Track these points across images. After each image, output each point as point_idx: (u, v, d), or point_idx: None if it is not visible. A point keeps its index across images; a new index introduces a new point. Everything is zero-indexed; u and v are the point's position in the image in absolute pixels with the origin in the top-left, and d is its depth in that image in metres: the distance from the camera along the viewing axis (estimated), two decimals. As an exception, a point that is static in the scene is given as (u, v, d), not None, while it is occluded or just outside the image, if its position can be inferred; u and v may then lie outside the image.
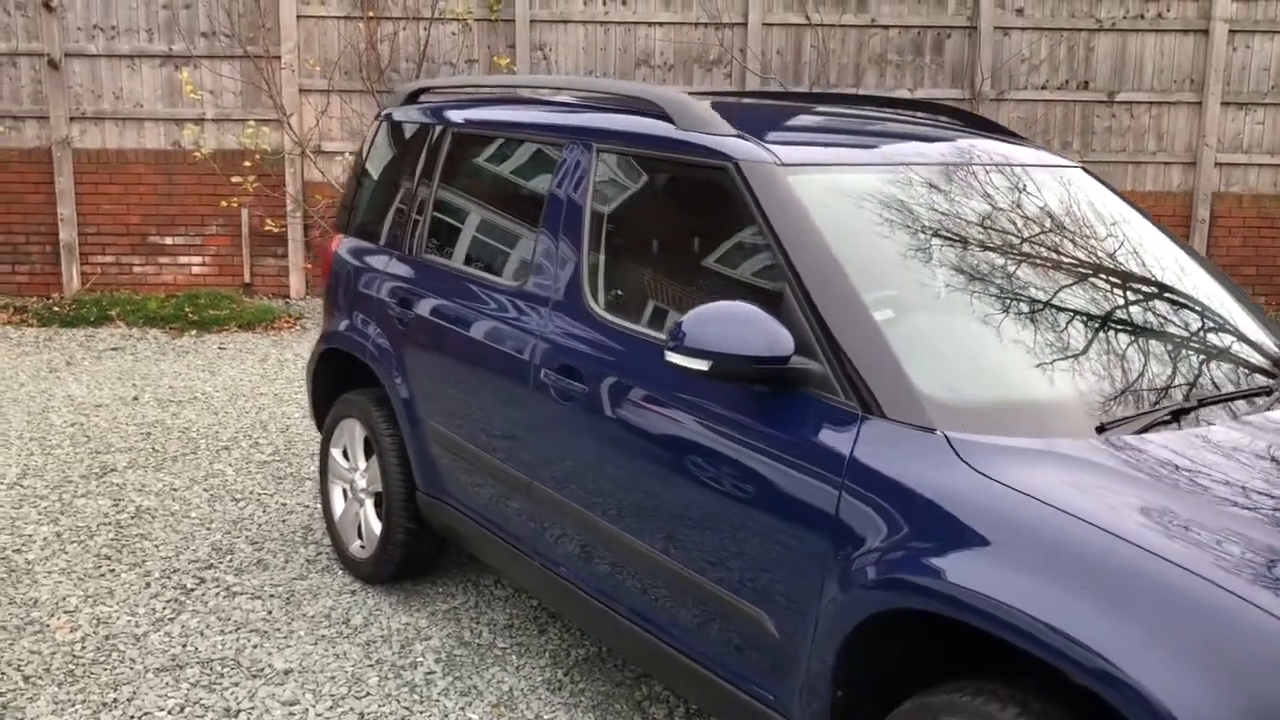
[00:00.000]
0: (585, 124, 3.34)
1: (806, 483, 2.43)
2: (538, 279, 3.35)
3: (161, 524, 4.83)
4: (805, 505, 2.42)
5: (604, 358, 3.03)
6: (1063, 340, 2.61)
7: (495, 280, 3.57)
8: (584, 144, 3.30)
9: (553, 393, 3.17)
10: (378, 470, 4.10)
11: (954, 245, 2.80)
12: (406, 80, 9.39)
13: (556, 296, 3.27)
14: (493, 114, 3.84)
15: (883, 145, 3.09)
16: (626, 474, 2.92)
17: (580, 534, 3.14)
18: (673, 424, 2.77)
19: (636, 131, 3.16)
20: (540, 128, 3.54)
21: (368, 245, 4.31)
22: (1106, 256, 3.00)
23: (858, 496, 2.33)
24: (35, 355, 7.92)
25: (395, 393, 3.93)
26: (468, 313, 3.61)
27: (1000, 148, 3.32)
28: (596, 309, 3.13)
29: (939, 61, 9.72)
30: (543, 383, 3.20)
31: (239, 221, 9.60)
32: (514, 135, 3.67)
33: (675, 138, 3.02)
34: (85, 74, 9.40)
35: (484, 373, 3.49)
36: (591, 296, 3.16)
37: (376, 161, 4.44)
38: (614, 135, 3.22)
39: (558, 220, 3.32)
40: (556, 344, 3.19)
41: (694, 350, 2.50)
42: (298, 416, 6.51)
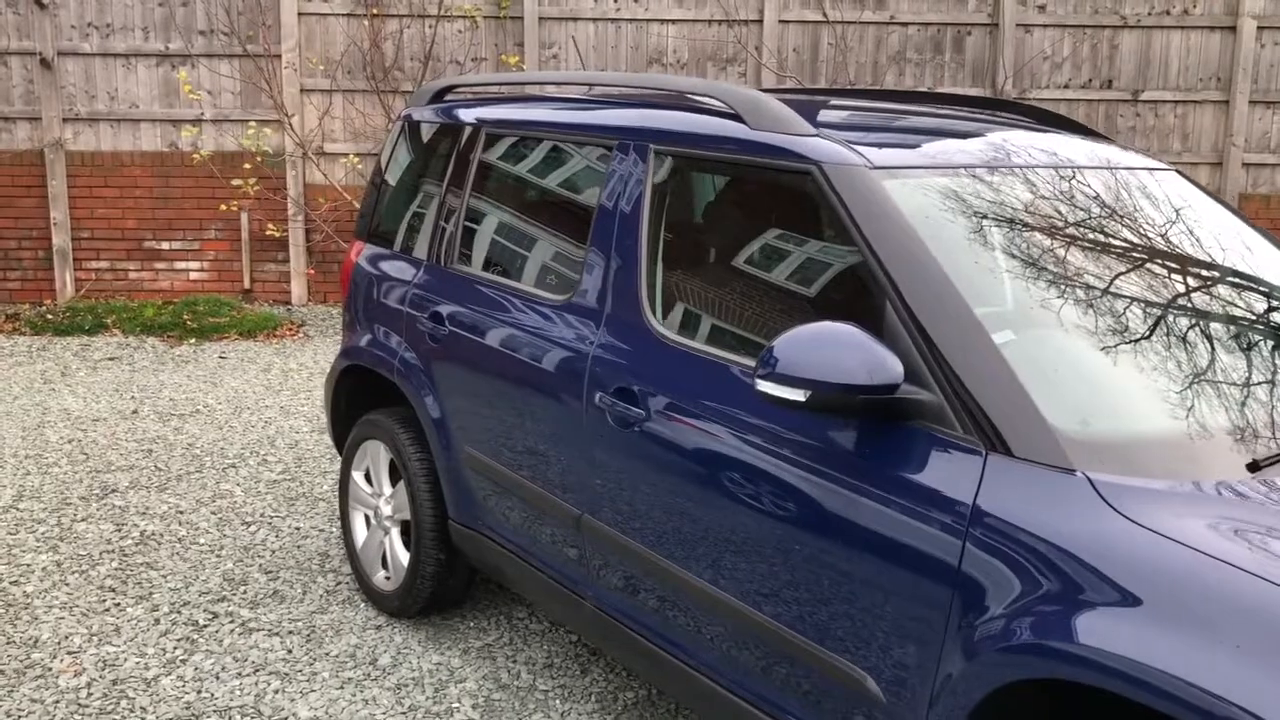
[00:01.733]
0: (641, 124, 3.05)
1: (922, 530, 2.14)
2: (588, 293, 3.06)
3: (168, 551, 4.52)
4: (921, 555, 2.14)
5: (667, 381, 2.74)
6: (1203, 366, 2.33)
7: (538, 293, 3.27)
8: (639, 146, 3.01)
9: (609, 418, 2.88)
10: (405, 497, 3.81)
11: (1071, 257, 2.51)
12: (411, 79, 9.09)
13: (610, 312, 2.98)
14: (531, 113, 3.55)
15: (974, 145, 2.81)
16: (697, 512, 2.63)
17: (640, 575, 2.85)
18: (752, 457, 2.48)
19: (702, 132, 2.87)
20: (587, 128, 3.24)
21: (392, 254, 4.01)
22: (1235, 271, 2.72)
23: (986, 547, 2.05)
24: (29, 365, 7.60)
25: (426, 414, 3.64)
26: (507, 329, 3.32)
27: (1096, 148, 3.04)
28: (657, 326, 2.85)
29: (959, 60, 9.45)
30: (597, 407, 2.91)
31: (238, 226, 9.29)
32: (556, 136, 3.38)
33: (748, 139, 2.73)
34: (79, 73, 9.09)
35: (527, 394, 3.20)
36: (651, 313, 2.87)
37: (399, 165, 4.15)
38: (675, 136, 2.93)
39: (610, 229, 3.03)
40: (611, 365, 2.90)
41: (789, 378, 2.21)
42: (306, 431, 6.21)
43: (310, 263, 9.38)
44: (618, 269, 2.98)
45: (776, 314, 2.64)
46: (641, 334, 2.87)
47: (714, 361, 2.66)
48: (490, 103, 3.82)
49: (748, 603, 2.53)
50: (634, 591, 2.89)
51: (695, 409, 2.64)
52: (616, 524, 2.90)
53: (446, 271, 3.68)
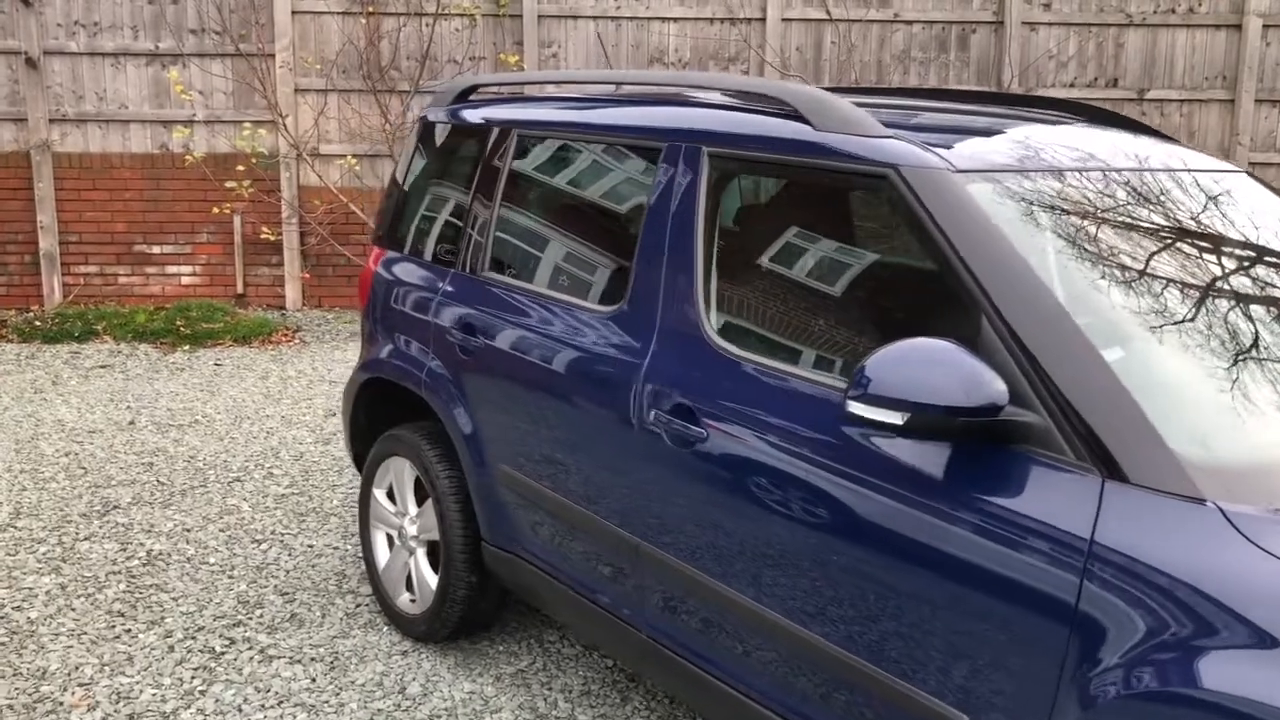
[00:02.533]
0: (692, 125, 2.88)
1: (1033, 565, 1.98)
2: (637, 304, 2.90)
3: (177, 571, 4.33)
4: (1032, 593, 1.98)
5: (730, 398, 2.58)
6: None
7: (581, 304, 3.11)
8: (691, 148, 2.84)
9: (665, 438, 2.71)
10: (432, 516, 3.64)
11: (1171, 265, 2.36)
12: (408, 79, 8.90)
13: (663, 324, 2.81)
14: (567, 114, 3.38)
15: (1049, 146, 2.66)
16: (767, 539, 2.47)
17: (701, 604, 2.69)
18: (830, 482, 2.32)
19: (761, 134, 2.70)
20: (631, 130, 3.08)
21: (416, 262, 3.83)
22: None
23: (1106, 584, 1.89)
24: (18, 374, 7.38)
25: (457, 430, 3.47)
26: (547, 341, 3.15)
27: (1168, 149, 2.90)
28: (716, 340, 2.68)
29: (964, 58, 9.33)
30: (651, 425, 2.75)
31: (231, 229, 9.08)
32: (595, 138, 3.21)
33: (814, 141, 2.57)
34: (66, 73, 8.86)
35: (571, 410, 3.04)
36: (709, 325, 2.71)
37: (420, 168, 3.97)
38: (731, 138, 2.77)
39: (660, 236, 2.86)
40: (667, 380, 2.74)
41: (884, 399, 2.05)
42: (310, 442, 6.02)
43: (305, 267, 9.18)
44: (670, 279, 2.82)
45: (849, 328, 2.48)
46: (699, 347, 2.70)
47: (783, 378, 2.50)
48: (520, 103, 3.65)
49: (832, 641, 2.37)
50: (693, 622, 2.73)
51: (763, 429, 2.48)
52: (674, 550, 2.73)
53: (477, 280, 3.50)
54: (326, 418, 6.47)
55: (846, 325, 2.48)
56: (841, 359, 2.45)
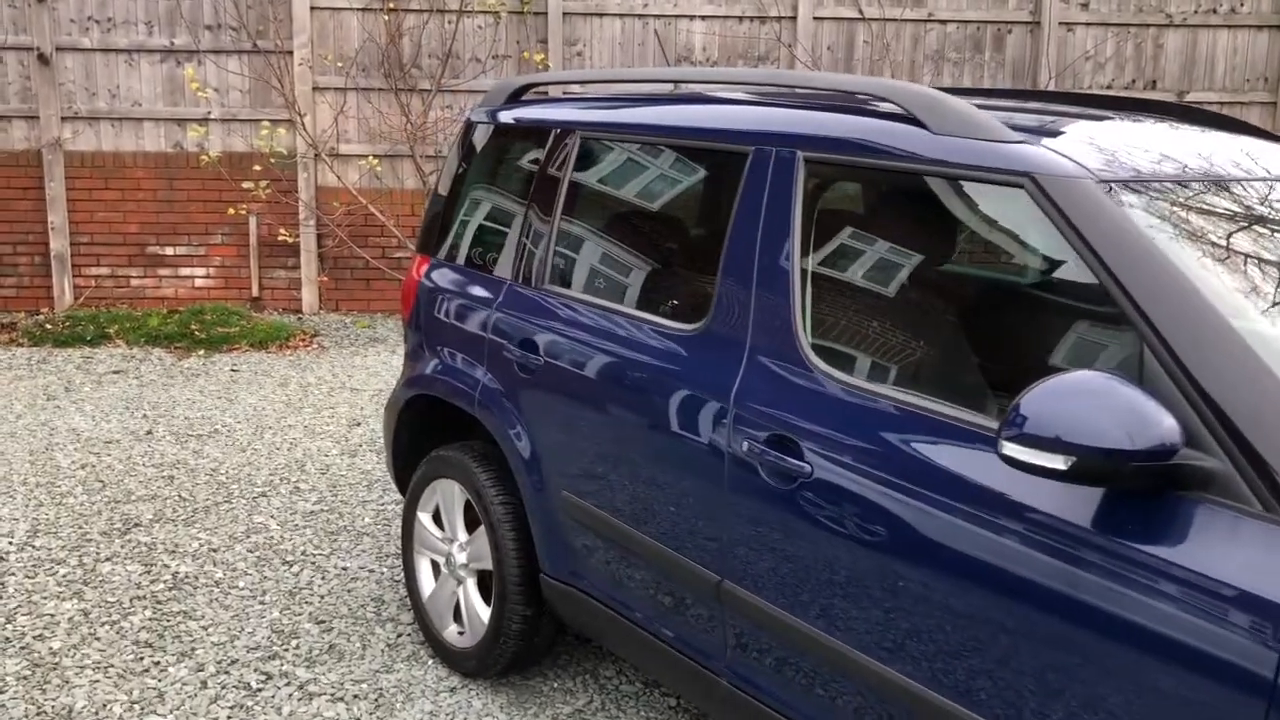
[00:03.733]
0: (785, 128, 2.64)
1: (1216, 633, 1.74)
2: (724, 323, 2.66)
3: (205, 596, 4.10)
4: (1216, 663, 1.74)
5: (838, 430, 2.34)
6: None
7: (657, 321, 2.86)
8: (785, 153, 2.60)
9: (760, 471, 2.47)
10: (485, 545, 3.40)
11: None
12: (429, 77, 8.66)
13: (754, 345, 2.57)
14: (637, 115, 3.13)
15: (1185, 153, 2.42)
16: (884, 588, 2.23)
17: (797, 655, 2.45)
18: (961, 528, 2.08)
19: (868, 138, 2.46)
20: (711, 133, 2.84)
21: (468, 272, 3.60)
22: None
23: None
24: (30, 380, 7.14)
25: (515, 453, 3.23)
26: (619, 361, 2.91)
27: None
28: (818, 363, 2.44)
29: (999, 59, 9.09)
30: (744, 457, 2.51)
31: (246, 230, 8.85)
32: (669, 141, 2.97)
33: (930, 145, 2.33)
34: (78, 70, 8.62)
35: (648, 436, 2.80)
36: (808, 347, 2.47)
37: (470, 172, 3.73)
38: (831, 142, 2.53)
39: (749, 249, 2.62)
40: (761, 407, 2.50)
41: (1044, 440, 1.82)
42: (336, 454, 5.78)
43: (323, 269, 8.94)
44: (762, 295, 2.58)
45: (977, 355, 2.24)
46: (798, 372, 2.47)
47: (905, 410, 2.25)
48: (582, 103, 3.41)
49: (960, 704, 2.13)
50: (785, 670, 2.49)
51: (882, 466, 2.24)
52: (766, 592, 2.49)
53: (536, 293, 3.26)
54: (351, 427, 6.24)
55: (974, 353, 2.25)
56: (970, 390, 2.21)
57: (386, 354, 7.95)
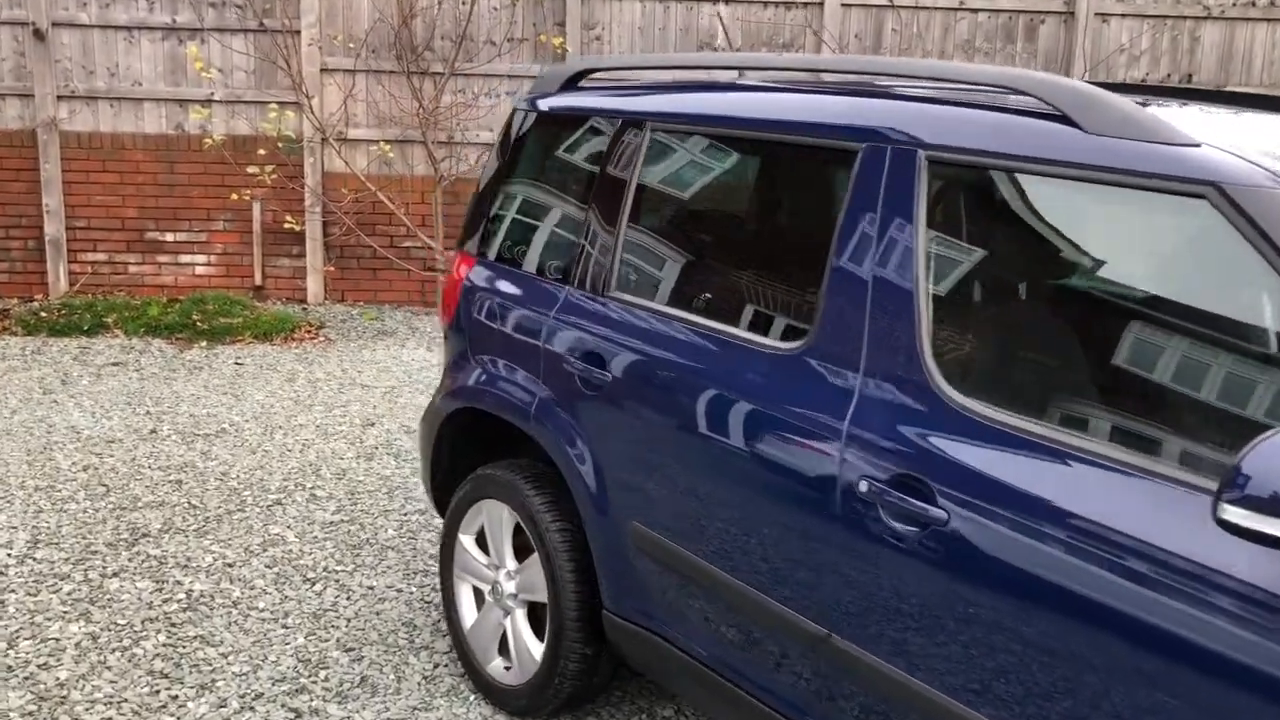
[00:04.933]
0: (903, 123, 2.34)
1: None
2: (831, 342, 2.36)
3: (223, 618, 3.79)
4: None
5: (984, 472, 2.05)
6: None
7: (748, 337, 2.56)
8: (902, 151, 2.30)
9: (882, 515, 2.18)
10: (538, 574, 3.10)
11: None
12: (442, 60, 8.32)
13: (870, 369, 2.28)
14: (719, 104, 2.82)
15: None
16: (1038, 660, 1.94)
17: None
18: (1138, 598, 1.80)
19: (1005, 137, 2.16)
20: (811, 127, 2.53)
21: (519, 275, 3.29)
22: None
23: None
24: (24, 371, 6.81)
25: (576, 477, 2.93)
26: (702, 381, 2.61)
27: None
28: (947, 390, 2.15)
29: (1031, 50, 8.79)
30: (863, 497, 2.21)
31: (249, 217, 8.51)
32: (759, 135, 2.67)
33: (1085, 147, 2.03)
34: (75, 46, 8.26)
35: (736, 465, 2.50)
36: (938, 373, 2.17)
37: (521, 166, 3.43)
38: (961, 140, 2.23)
39: (860, 258, 2.33)
40: (881, 441, 2.21)
41: (1272, 505, 1.53)
42: (351, 457, 5.47)
43: (329, 258, 8.61)
44: (877, 311, 2.28)
45: (1157, 394, 1.94)
46: (927, 401, 2.17)
47: (1073, 454, 1.95)
48: (650, 90, 3.10)
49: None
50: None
51: (1040, 519, 1.94)
52: (884, 651, 2.20)
53: (601, 301, 2.96)
54: (364, 428, 5.93)
55: (1151, 391, 1.95)
56: (1151, 435, 1.92)
57: (396, 348, 7.64)
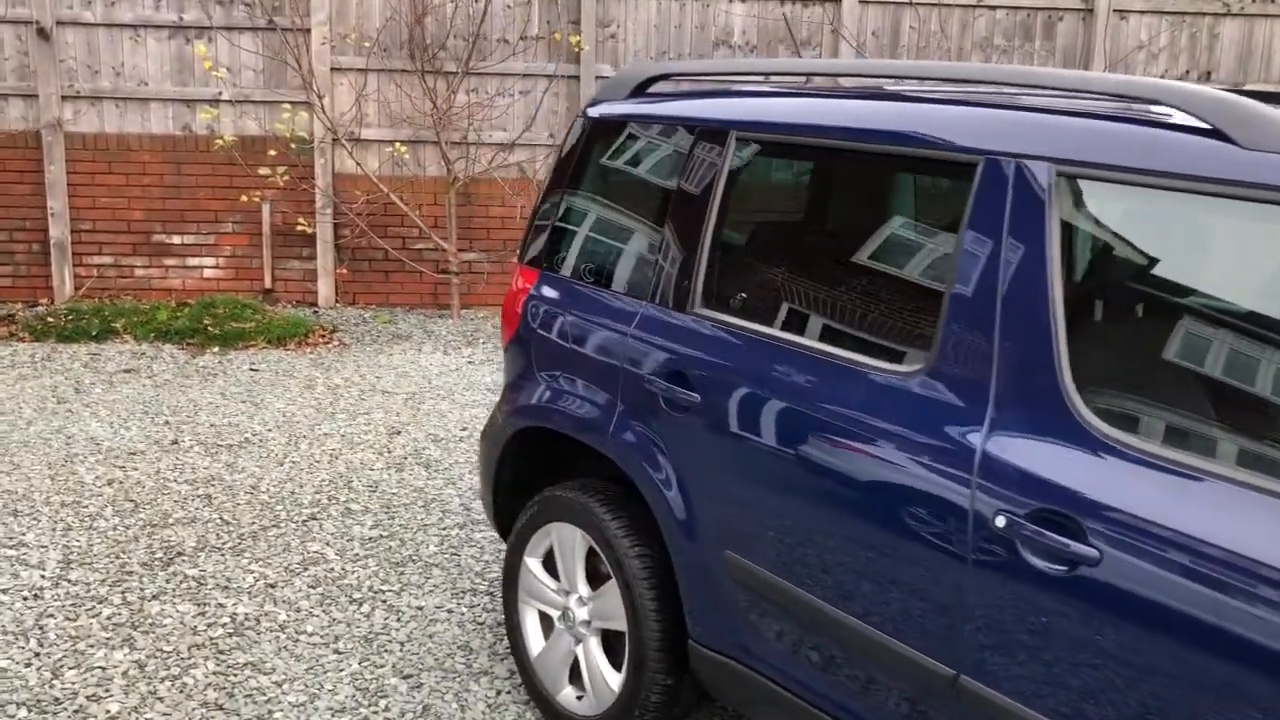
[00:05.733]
0: (1031, 136, 2.22)
1: None
2: (952, 362, 2.25)
3: (272, 644, 3.66)
4: None
5: (1138, 509, 1.93)
6: None
7: (853, 357, 2.44)
8: (1029, 166, 2.19)
9: (1025, 553, 2.06)
10: (614, 601, 2.98)
11: None
12: (455, 59, 8.18)
13: (1001, 393, 2.16)
14: (814, 112, 2.69)
15: None
16: (1208, 708, 1.84)
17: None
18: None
19: (1152, 153, 2.05)
20: (922, 140, 2.41)
21: (590, 289, 3.17)
22: None
23: None
24: (35, 379, 6.65)
25: (660, 501, 2.81)
26: (802, 402, 2.49)
27: None
28: (1090, 419, 2.04)
29: (1049, 47, 8.71)
30: (999, 533, 2.10)
31: (258, 219, 8.36)
32: (861, 145, 2.55)
33: (1243, 164, 1.92)
34: (80, 45, 8.09)
35: (846, 493, 2.39)
36: (1076, 399, 2.06)
37: (592, 175, 3.30)
38: (1100, 156, 2.11)
39: (988, 276, 2.21)
40: (1019, 475, 2.09)
41: None
42: (381, 467, 5.34)
43: (340, 261, 8.46)
44: (1007, 333, 2.17)
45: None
46: (1072, 430, 2.05)
47: (1230, 484, 1.85)
48: (734, 96, 2.98)
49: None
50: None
51: (1208, 561, 1.83)
52: (1028, 696, 2.09)
53: (686, 318, 2.84)
54: (390, 437, 5.80)
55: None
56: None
57: (412, 352, 7.51)
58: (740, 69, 3.07)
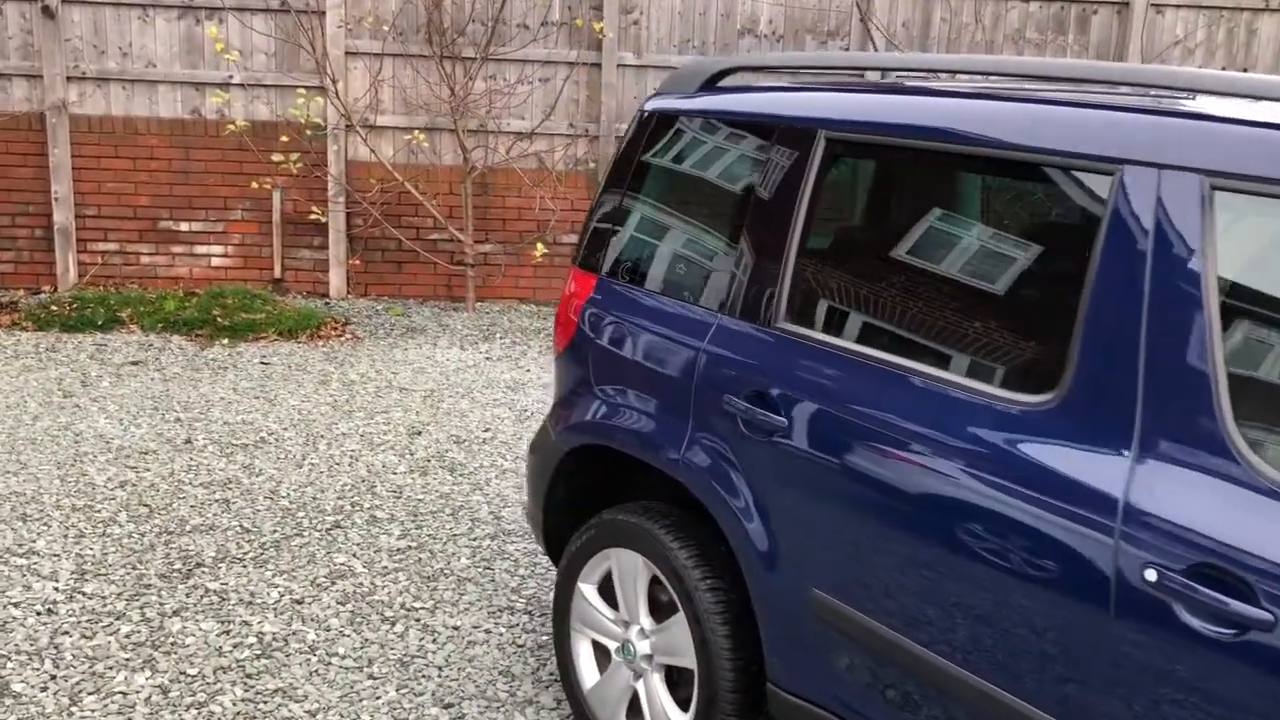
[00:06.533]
0: (1181, 147, 1.99)
1: None
2: (1090, 393, 2.03)
3: (302, 668, 3.44)
4: None
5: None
6: None
7: (969, 384, 2.22)
8: (1179, 178, 1.97)
9: (1179, 610, 1.85)
10: (682, 636, 2.77)
11: None
12: (473, 44, 7.93)
13: (1147, 429, 1.95)
14: (919, 112, 2.46)
15: None
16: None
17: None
18: None
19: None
20: (1055, 149, 2.18)
21: (657, 299, 2.94)
22: None
23: None
24: (40, 372, 6.41)
25: (738, 531, 2.60)
26: (913, 432, 2.27)
27: None
28: (1260, 465, 1.82)
29: (1083, 41, 8.49)
30: (1150, 586, 1.88)
31: (268, 206, 8.12)
32: (973, 149, 2.32)
33: None
34: (86, 25, 7.84)
35: (964, 536, 2.17)
36: (1241, 444, 1.85)
37: (657, 175, 3.08)
38: (1259, 168, 1.89)
39: (1130, 300, 2.00)
40: (1177, 523, 1.88)
41: None
42: (404, 470, 5.13)
43: (353, 251, 8.23)
44: (1154, 364, 1.95)
45: None
46: (1236, 474, 1.84)
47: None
48: (821, 91, 2.75)
49: None
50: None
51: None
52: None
53: (769, 334, 2.62)
54: (411, 437, 5.58)
55: None
56: None
57: (428, 347, 7.28)
58: (822, 63, 2.84)
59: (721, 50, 8.23)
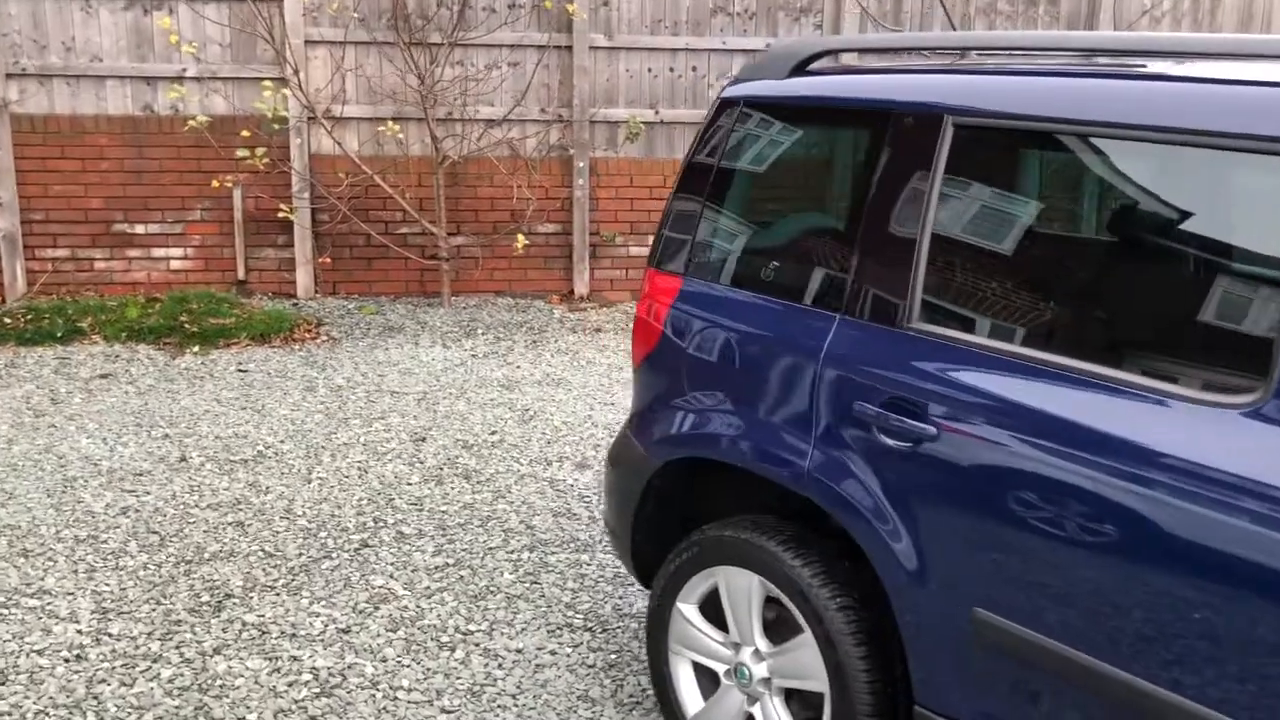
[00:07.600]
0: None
1: None
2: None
3: (368, 705, 3.22)
4: None
5: None
6: None
7: (1151, 385, 2.07)
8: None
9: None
10: (810, 657, 2.60)
11: None
12: (439, 30, 7.63)
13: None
14: (1064, 96, 2.30)
15: None
16: None
17: None
18: None
19: None
20: (1209, 133, 2.04)
21: (758, 300, 2.75)
22: None
23: None
24: (3, 390, 6.05)
25: (883, 549, 2.43)
26: (1088, 440, 2.12)
27: None
28: None
29: (1054, 12, 8.45)
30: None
31: (228, 205, 7.76)
32: (1128, 134, 2.17)
33: None
34: (25, 18, 7.41)
35: (1156, 552, 2.02)
36: None
37: (742, 165, 2.89)
38: None
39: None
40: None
41: None
42: (417, 480, 4.89)
43: (321, 249, 7.90)
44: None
45: None
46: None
47: None
48: (941, 73, 2.58)
49: None
50: None
51: None
52: None
53: (903, 336, 2.44)
54: (416, 443, 5.34)
55: None
56: None
57: (410, 346, 7.02)
58: (923, 44, 2.67)
59: (694, 30, 8.04)
